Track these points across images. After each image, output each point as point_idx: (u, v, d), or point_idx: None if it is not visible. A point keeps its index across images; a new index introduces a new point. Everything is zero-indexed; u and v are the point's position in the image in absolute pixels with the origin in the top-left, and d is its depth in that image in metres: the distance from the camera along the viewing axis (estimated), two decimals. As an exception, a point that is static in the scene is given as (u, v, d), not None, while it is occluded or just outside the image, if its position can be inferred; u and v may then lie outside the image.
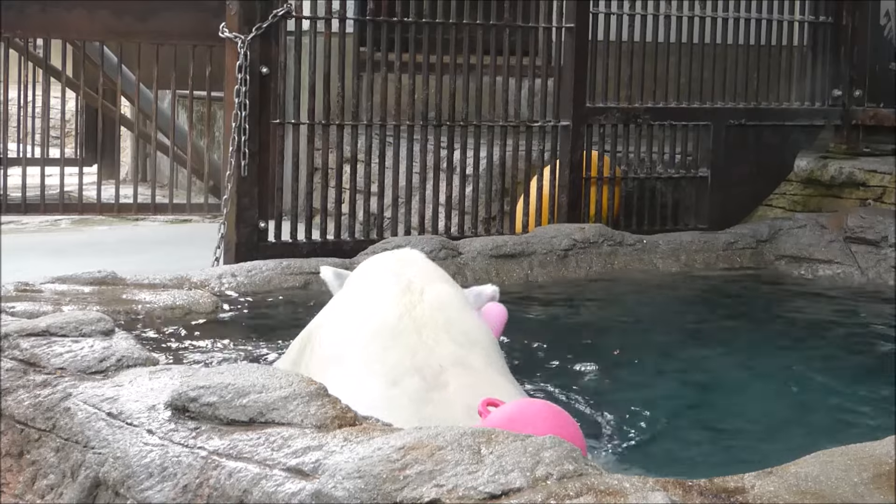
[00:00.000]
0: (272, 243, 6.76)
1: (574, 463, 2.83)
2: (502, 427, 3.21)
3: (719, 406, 4.59)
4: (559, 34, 7.56)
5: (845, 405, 4.61)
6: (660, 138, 7.97)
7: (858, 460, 2.91)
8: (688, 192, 8.03)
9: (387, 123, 7.16)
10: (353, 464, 2.88)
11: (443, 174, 7.37)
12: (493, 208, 7.59)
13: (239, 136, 6.61)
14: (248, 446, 3.08)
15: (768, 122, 8.21)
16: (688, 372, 4.95)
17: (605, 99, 7.77)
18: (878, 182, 7.71)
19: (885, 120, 8.26)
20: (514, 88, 7.64)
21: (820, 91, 8.45)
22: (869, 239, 6.90)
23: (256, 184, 6.70)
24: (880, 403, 4.62)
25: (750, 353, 5.30)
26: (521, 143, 7.57)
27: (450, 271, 6.12)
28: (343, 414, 3.20)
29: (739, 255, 6.95)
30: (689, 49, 8.02)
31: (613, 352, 5.16)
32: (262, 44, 6.69)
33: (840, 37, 8.46)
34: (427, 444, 2.90)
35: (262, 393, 3.24)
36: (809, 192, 8.07)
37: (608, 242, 6.76)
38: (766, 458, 3.32)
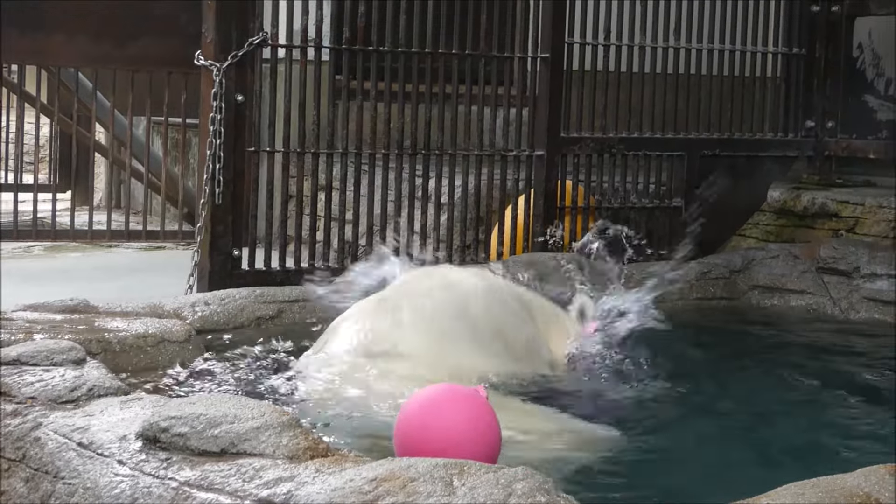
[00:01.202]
0: (246, 271, 6.75)
1: (546, 495, 2.83)
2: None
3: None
4: (534, 64, 7.59)
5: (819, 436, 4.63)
6: (634, 168, 8.00)
7: (830, 492, 2.92)
8: (661, 222, 8.06)
9: (362, 152, 7.17)
10: (324, 495, 2.87)
11: (418, 202, 7.37)
12: (468, 237, 7.60)
13: (214, 164, 6.60)
14: (219, 477, 3.07)
15: (742, 152, 8.25)
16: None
17: (580, 129, 7.79)
18: (850, 213, 7.75)
19: (858, 151, 8.31)
20: (489, 118, 7.66)
21: (793, 122, 8.50)
22: (841, 269, 6.92)
23: (231, 211, 6.68)
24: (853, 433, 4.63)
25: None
26: (496, 172, 7.59)
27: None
28: (315, 445, 3.20)
29: (713, 285, 6.97)
30: (664, 80, 8.06)
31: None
32: (238, 72, 6.69)
33: (813, 68, 8.52)
34: (399, 476, 2.90)
35: (234, 423, 3.23)
36: (782, 222, 8.10)
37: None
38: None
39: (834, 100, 8.50)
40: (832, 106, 8.50)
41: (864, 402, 5.03)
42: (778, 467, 4.18)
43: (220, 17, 6.62)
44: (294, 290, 6.02)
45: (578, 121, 7.79)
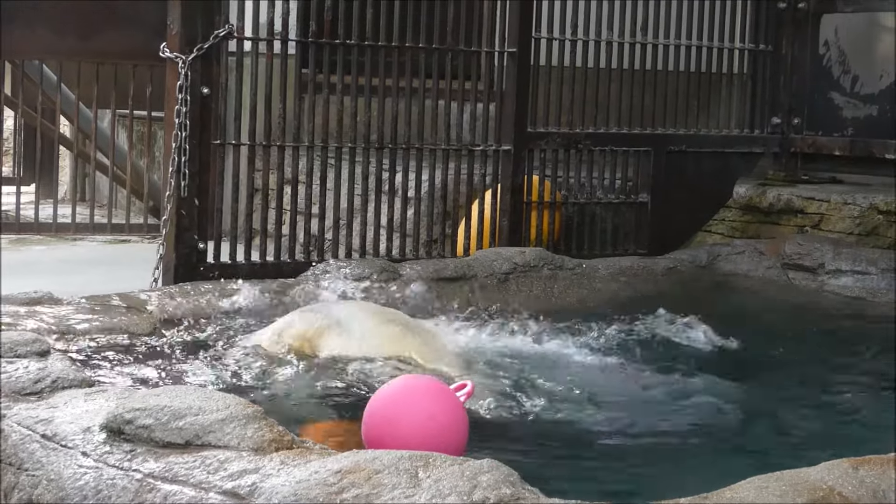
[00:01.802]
0: (211, 264, 6.72)
1: (511, 487, 2.83)
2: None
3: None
4: (501, 59, 7.59)
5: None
6: (600, 164, 8.01)
7: (793, 486, 2.93)
8: (627, 218, 8.08)
9: (328, 145, 7.15)
10: (289, 487, 2.87)
11: (384, 197, 7.36)
12: (435, 231, 7.59)
13: (179, 157, 6.57)
14: (183, 469, 3.06)
15: (708, 148, 8.27)
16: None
17: (547, 124, 7.80)
18: (815, 209, 7.78)
19: (824, 148, 8.35)
20: (456, 112, 7.65)
21: (759, 118, 8.53)
22: (806, 266, 6.96)
23: (196, 205, 6.66)
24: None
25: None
26: (463, 167, 7.58)
27: (390, 294, 6.15)
28: (280, 437, 3.19)
29: (678, 280, 6.99)
30: (631, 75, 8.08)
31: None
32: (204, 64, 6.66)
33: (780, 65, 8.55)
34: (364, 468, 2.90)
35: (199, 415, 3.22)
36: (748, 218, 8.13)
37: (548, 266, 6.76)
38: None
39: (800, 97, 8.54)
40: (798, 103, 8.54)
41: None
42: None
43: (185, 9, 6.59)
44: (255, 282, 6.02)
45: (545, 116, 7.79)
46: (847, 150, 8.22)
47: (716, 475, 3.33)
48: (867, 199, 7.58)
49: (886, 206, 7.44)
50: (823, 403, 4.93)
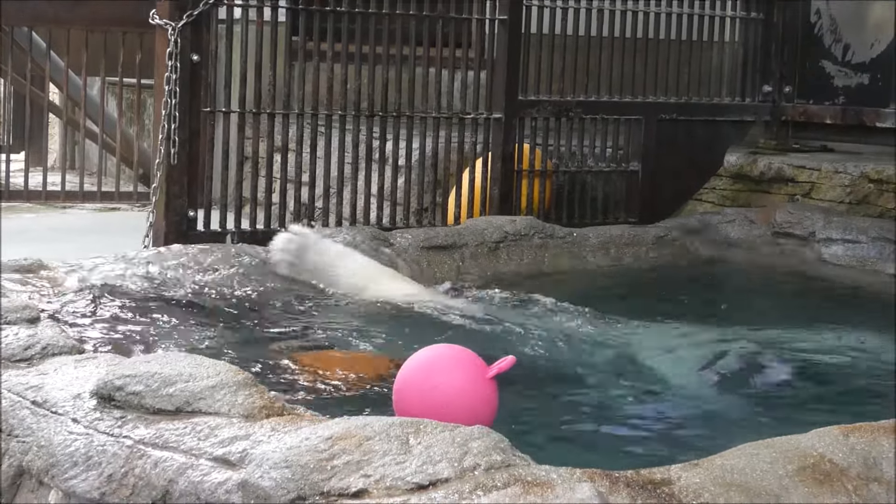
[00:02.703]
0: (201, 232, 6.71)
1: (502, 454, 2.84)
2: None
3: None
4: (492, 26, 7.56)
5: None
6: (591, 132, 8.00)
7: (784, 453, 2.94)
8: (618, 186, 8.07)
9: (318, 113, 7.13)
10: (280, 454, 2.86)
11: (375, 165, 7.35)
12: (425, 200, 7.58)
13: (168, 124, 6.55)
14: (174, 436, 3.06)
15: (699, 117, 8.26)
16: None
17: (538, 92, 7.78)
18: (806, 178, 7.78)
19: (814, 116, 8.34)
20: (446, 80, 7.63)
21: (750, 87, 8.52)
22: (797, 234, 6.96)
23: (186, 172, 6.64)
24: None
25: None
26: (454, 135, 7.57)
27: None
28: (271, 403, 3.19)
29: (668, 248, 6.99)
30: (622, 43, 8.06)
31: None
32: (193, 31, 6.64)
33: (771, 33, 8.53)
34: (355, 435, 2.90)
35: (189, 382, 3.21)
36: (739, 187, 8.13)
37: (539, 235, 6.76)
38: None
39: (791, 65, 8.53)
40: (789, 71, 8.53)
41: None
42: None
43: (175, -25, 6.56)
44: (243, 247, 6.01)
45: (536, 84, 7.78)
46: (838, 118, 8.22)
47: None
48: (858, 167, 7.58)
49: (877, 175, 7.45)
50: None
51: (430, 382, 3.65)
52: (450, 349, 3.86)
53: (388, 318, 5.35)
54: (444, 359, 3.74)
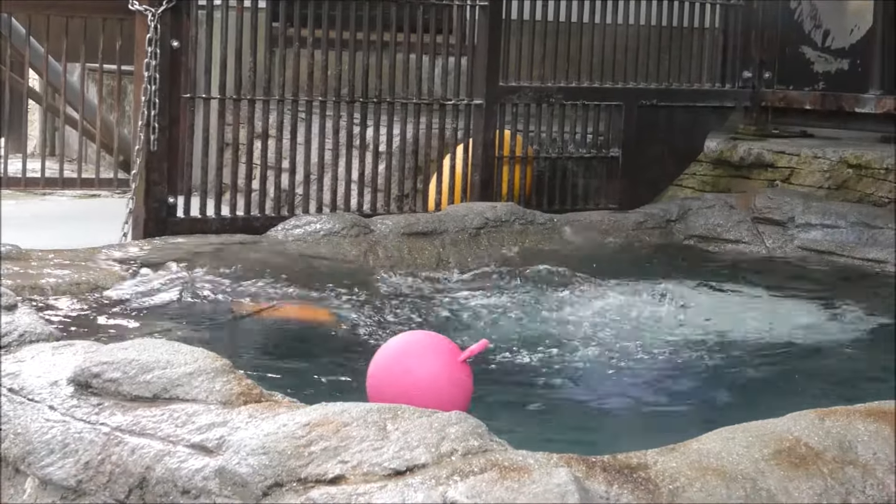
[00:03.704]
0: (181, 219, 6.70)
1: (479, 439, 2.84)
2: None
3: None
4: (473, 12, 7.56)
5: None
6: (572, 118, 8.00)
7: (760, 437, 2.95)
8: (599, 172, 8.07)
9: (299, 99, 7.12)
10: (257, 440, 2.87)
11: (356, 151, 7.33)
12: (406, 186, 7.58)
13: (148, 111, 6.53)
14: (151, 422, 3.06)
15: (679, 102, 8.27)
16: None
17: (519, 78, 7.78)
18: (785, 163, 7.80)
19: (794, 102, 8.36)
20: (427, 66, 7.62)
21: (730, 73, 8.53)
22: (776, 219, 6.98)
23: (166, 159, 6.63)
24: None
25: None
26: (435, 121, 7.56)
27: (361, 249, 6.15)
28: (249, 390, 3.19)
29: (649, 234, 7.00)
30: (602, 29, 8.06)
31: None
32: (173, 17, 6.62)
33: (751, 19, 8.53)
34: (333, 421, 2.90)
35: (167, 369, 3.21)
36: (719, 172, 8.14)
37: (519, 221, 6.76)
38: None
39: (771, 50, 8.54)
40: (769, 57, 8.53)
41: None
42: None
43: (155, -39, 6.54)
44: (229, 238, 6.01)
45: (517, 70, 7.77)
46: (818, 104, 8.23)
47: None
48: (837, 152, 7.60)
49: (856, 160, 7.47)
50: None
51: (402, 367, 3.68)
52: (422, 335, 3.90)
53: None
54: (416, 344, 3.77)
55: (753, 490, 2.76)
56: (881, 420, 3.06)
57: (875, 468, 2.91)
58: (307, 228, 6.24)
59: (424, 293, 5.64)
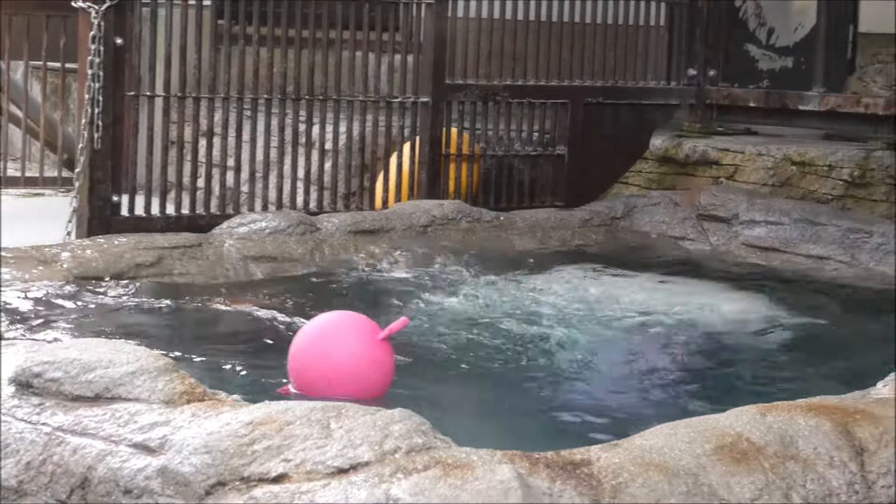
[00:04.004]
0: (125, 217, 6.66)
1: (423, 436, 2.85)
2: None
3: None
4: (419, 10, 7.55)
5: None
6: (518, 116, 8.01)
7: (702, 432, 2.97)
8: (545, 170, 8.09)
9: (244, 97, 7.09)
10: (200, 439, 2.86)
11: (301, 149, 7.31)
12: (353, 184, 7.56)
13: (92, 109, 6.49)
14: (93, 422, 3.04)
15: (625, 100, 8.30)
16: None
17: (465, 76, 7.78)
18: (730, 161, 7.84)
19: (739, 100, 8.40)
20: (373, 64, 7.61)
21: (675, 70, 8.57)
22: (720, 216, 7.02)
23: (110, 157, 6.59)
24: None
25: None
26: (381, 119, 7.55)
27: (308, 247, 6.14)
28: (192, 389, 3.18)
29: (594, 231, 7.03)
30: (548, 27, 8.07)
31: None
32: (117, 14, 6.58)
33: (696, 17, 8.57)
34: (276, 419, 2.89)
35: (109, 368, 3.19)
36: (664, 170, 8.18)
37: (466, 219, 6.78)
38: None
39: (715, 48, 8.58)
40: (714, 55, 8.57)
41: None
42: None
43: (98, -42, 6.50)
44: (174, 236, 5.98)
45: (463, 68, 7.78)
46: (762, 101, 8.28)
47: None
48: (781, 150, 7.65)
49: (800, 157, 7.52)
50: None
51: (320, 349, 3.71)
52: (340, 315, 3.93)
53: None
54: (333, 325, 3.80)
55: (695, 485, 2.78)
56: (821, 415, 3.10)
57: (815, 463, 2.94)
58: (252, 227, 6.22)
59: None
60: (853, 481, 2.94)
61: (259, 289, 5.59)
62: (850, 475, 2.95)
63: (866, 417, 3.12)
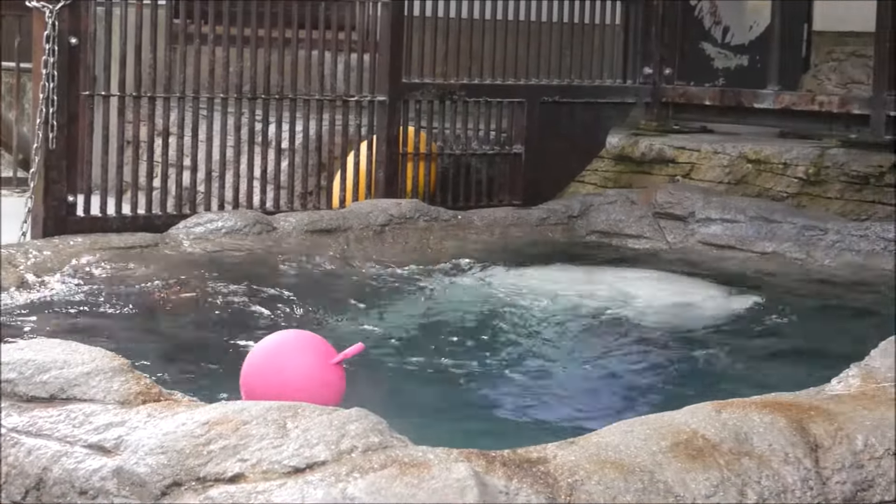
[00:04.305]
0: (81, 218, 6.63)
1: (379, 435, 2.85)
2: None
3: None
4: (375, 9, 7.54)
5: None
6: (475, 115, 8.02)
7: (658, 429, 2.98)
8: (502, 169, 8.10)
9: (200, 96, 7.06)
10: (155, 439, 2.85)
11: (258, 148, 7.29)
12: (310, 183, 7.55)
13: (47, 108, 6.45)
14: (48, 423, 3.03)
15: (581, 99, 8.32)
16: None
17: (422, 75, 7.78)
18: (686, 159, 7.88)
19: (694, 98, 8.44)
20: (330, 62, 7.59)
21: (631, 69, 8.59)
22: (677, 214, 7.05)
23: (65, 157, 6.55)
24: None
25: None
26: (338, 118, 7.54)
27: (264, 246, 6.12)
28: (147, 389, 3.16)
29: (552, 230, 7.04)
30: (504, 26, 8.08)
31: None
32: (72, 13, 6.54)
33: (651, 16, 8.60)
34: (232, 419, 2.89)
35: (64, 369, 3.18)
36: (621, 168, 8.20)
37: (424, 218, 6.78)
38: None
39: (671, 47, 8.61)
40: (670, 53, 8.61)
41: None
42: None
43: (52, -43, 6.46)
44: (130, 236, 5.96)
45: (420, 67, 7.78)
46: (717, 99, 8.32)
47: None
48: (737, 148, 7.69)
49: (755, 155, 7.56)
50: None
51: (273, 367, 3.70)
52: (295, 334, 3.92)
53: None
54: (287, 344, 3.80)
55: (651, 482, 2.79)
56: (776, 411, 3.11)
57: (770, 459, 2.96)
58: (209, 226, 6.21)
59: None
60: (808, 477, 2.96)
61: (209, 286, 5.58)
62: (804, 471, 2.96)
63: (821, 414, 3.14)
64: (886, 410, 3.21)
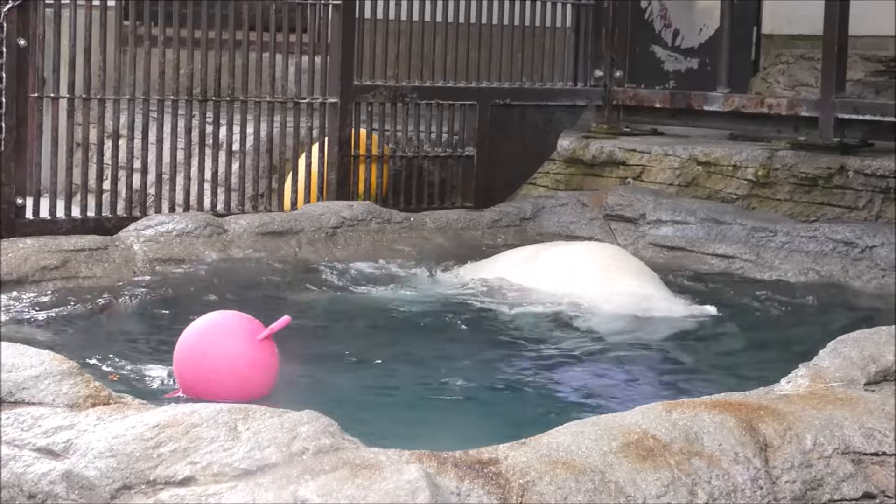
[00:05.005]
0: (30, 220, 6.59)
1: (331, 437, 2.85)
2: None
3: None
4: (326, 11, 7.54)
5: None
6: (427, 117, 8.02)
7: (608, 430, 2.99)
8: (454, 171, 8.11)
9: (150, 98, 7.03)
10: (105, 443, 2.83)
11: (209, 150, 7.27)
12: (261, 185, 7.53)
13: (-5, 110, 6.41)
14: (-4, 427, 3.00)
15: (532, 101, 8.34)
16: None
17: (373, 77, 7.78)
18: (637, 161, 7.91)
19: (645, 100, 8.47)
20: (281, 64, 7.58)
21: (582, 72, 8.62)
22: (627, 216, 7.07)
23: (14, 159, 6.51)
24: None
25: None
26: (289, 120, 7.52)
27: (215, 249, 6.10)
28: (97, 392, 3.15)
29: (503, 232, 7.05)
30: (456, 29, 8.09)
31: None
32: (20, 15, 6.50)
33: (602, 18, 8.63)
34: (182, 422, 2.88)
35: (12, 372, 3.16)
36: (572, 170, 8.23)
37: (376, 220, 6.78)
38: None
39: (622, 50, 8.64)
40: (620, 56, 8.63)
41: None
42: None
43: (0, -42, 6.41)
44: (80, 239, 5.92)
45: (371, 69, 7.78)
46: (668, 102, 8.36)
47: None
48: (687, 150, 7.72)
49: (705, 157, 7.60)
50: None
51: (199, 349, 3.71)
52: (221, 315, 3.93)
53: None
54: (213, 325, 3.81)
55: (602, 483, 2.80)
56: (726, 411, 3.13)
57: (720, 459, 2.98)
58: (159, 229, 6.18)
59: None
60: (757, 477, 2.98)
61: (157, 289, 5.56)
62: (754, 471, 2.98)
63: (770, 414, 3.16)
64: (835, 410, 3.23)
